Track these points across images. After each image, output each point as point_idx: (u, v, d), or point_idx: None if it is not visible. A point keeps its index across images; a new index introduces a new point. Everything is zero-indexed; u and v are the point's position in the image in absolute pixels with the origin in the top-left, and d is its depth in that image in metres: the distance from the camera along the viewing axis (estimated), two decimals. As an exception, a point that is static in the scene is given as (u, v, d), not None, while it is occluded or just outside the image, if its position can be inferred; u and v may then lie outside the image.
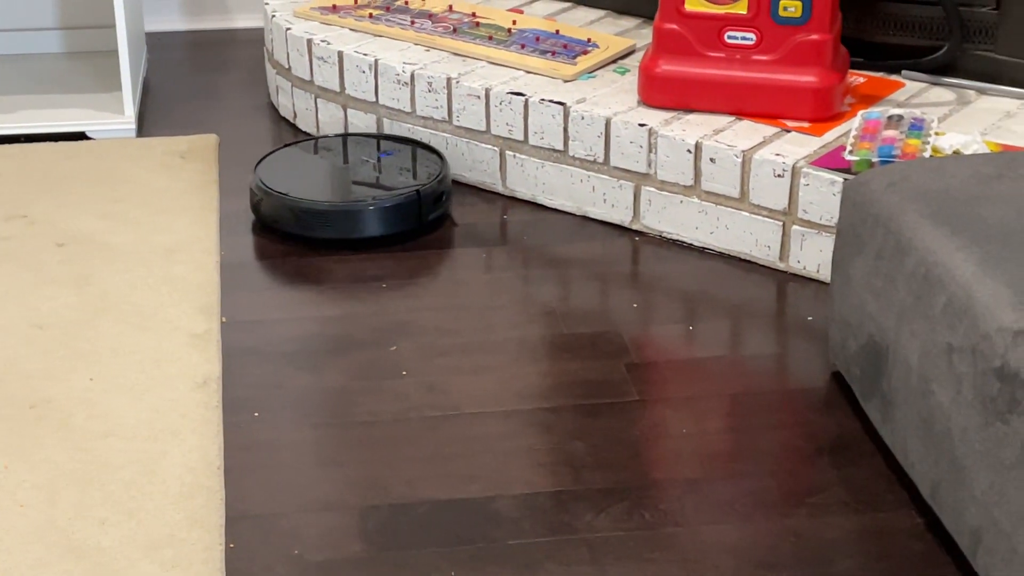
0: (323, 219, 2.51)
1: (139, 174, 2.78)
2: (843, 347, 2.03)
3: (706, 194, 2.48)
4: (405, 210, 2.54)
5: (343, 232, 2.52)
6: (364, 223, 2.52)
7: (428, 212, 2.56)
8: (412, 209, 2.54)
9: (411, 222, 2.55)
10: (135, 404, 2.04)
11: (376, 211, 2.52)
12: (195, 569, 1.71)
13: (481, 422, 2.04)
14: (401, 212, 2.54)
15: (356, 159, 2.70)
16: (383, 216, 2.52)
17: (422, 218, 2.55)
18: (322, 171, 2.69)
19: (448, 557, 1.76)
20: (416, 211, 2.54)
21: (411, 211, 2.54)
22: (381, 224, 2.52)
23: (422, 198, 2.54)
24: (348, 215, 2.52)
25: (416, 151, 2.72)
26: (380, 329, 2.27)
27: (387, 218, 2.53)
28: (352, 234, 2.52)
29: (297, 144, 2.80)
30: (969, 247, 1.73)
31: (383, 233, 2.53)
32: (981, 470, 1.61)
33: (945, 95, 2.64)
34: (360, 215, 2.52)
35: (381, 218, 2.52)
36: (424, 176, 2.61)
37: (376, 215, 2.52)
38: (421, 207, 2.55)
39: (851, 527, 1.82)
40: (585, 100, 2.63)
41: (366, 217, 2.52)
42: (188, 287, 2.36)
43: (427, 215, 2.56)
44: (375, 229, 2.52)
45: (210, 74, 3.37)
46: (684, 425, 2.03)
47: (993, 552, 1.59)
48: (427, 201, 2.55)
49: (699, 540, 1.79)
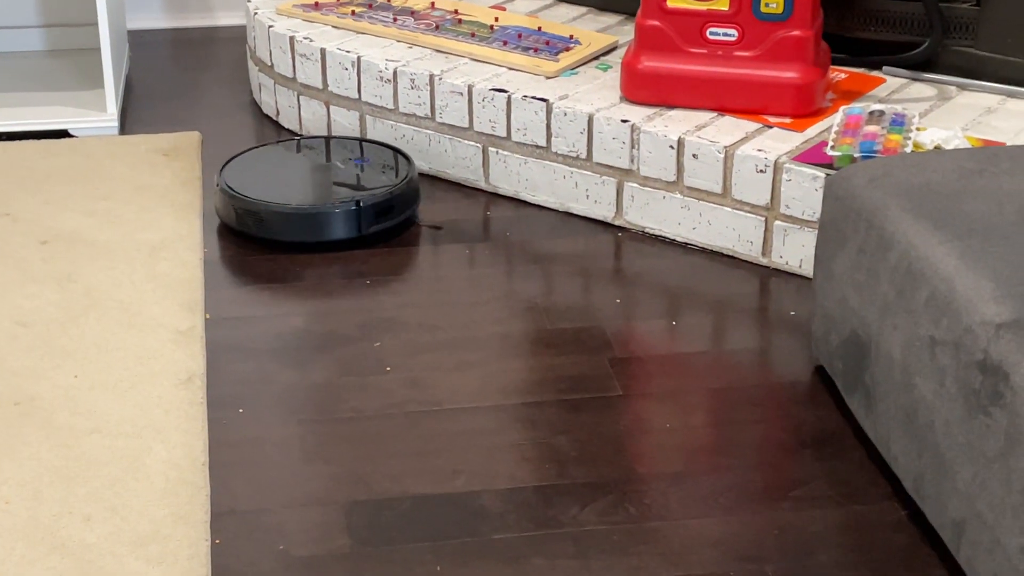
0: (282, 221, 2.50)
1: (122, 172, 2.78)
2: (826, 341, 2.04)
3: (689, 190, 2.49)
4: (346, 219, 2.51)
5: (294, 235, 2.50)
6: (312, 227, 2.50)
7: (369, 224, 2.52)
8: (352, 219, 2.52)
9: (352, 232, 2.52)
10: (119, 401, 2.04)
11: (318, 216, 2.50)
12: (180, 565, 1.71)
13: (465, 417, 2.04)
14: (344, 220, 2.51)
15: (324, 162, 2.71)
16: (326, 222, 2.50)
17: (361, 229, 2.52)
18: (290, 174, 2.69)
19: (433, 551, 1.76)
20: (356, 222, 2.52)
21: (351, 221, 2.52)
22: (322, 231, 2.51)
23: (362, 210, 2.51)
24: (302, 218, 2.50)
25: (389, 156, 2.71)
26: (364, 325, 2.28)
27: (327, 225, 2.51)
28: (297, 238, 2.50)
29: (279, 143, 2.82)
30: (951, 241, 1.74)
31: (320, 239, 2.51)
32: (964, 462, 1.62)
33: (926, 91, 2.65)
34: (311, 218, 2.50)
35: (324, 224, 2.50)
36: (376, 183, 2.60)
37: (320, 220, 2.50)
38: (361, 219, 2.52)
39: (834, 520, 1.83)
40: (568, 96, 2.63)
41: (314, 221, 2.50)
42: (172, 284, 2.36)
43: (367, 227, 2.53)
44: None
45: (193, 72, 3.37)
46: (668, 419, 2.04)
47: (976, 544, 1.60)
48: (368, 214, 2.52)
49: (683, 533, 1.80)
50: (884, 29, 2.73)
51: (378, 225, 2.53)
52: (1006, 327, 1.57)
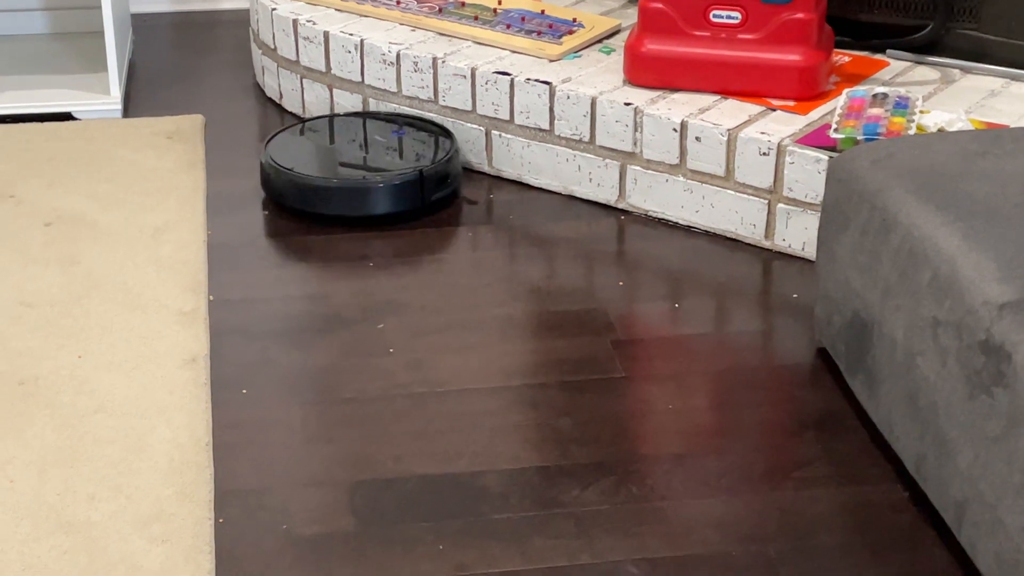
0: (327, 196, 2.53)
1: (126, 154, 2.78)
2: (828, 323, 2.04)
3: (692, 172, 2.49)
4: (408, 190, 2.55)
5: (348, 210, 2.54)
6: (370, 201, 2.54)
7: (431, 193, 2.57)
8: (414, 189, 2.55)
9: (415, 202, 2.56)
10: (123, 381, 2.04)
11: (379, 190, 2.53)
12: (185, 544, 1.72)
13: (468, 399, 2.04)
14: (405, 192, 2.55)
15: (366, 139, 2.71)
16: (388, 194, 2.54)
17: (425, 199, 2.56)
18: (325, 151, 2.69)
19: (436, 531, 1.77)
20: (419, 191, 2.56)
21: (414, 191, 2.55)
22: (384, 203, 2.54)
23: (425, 178, 2.55)
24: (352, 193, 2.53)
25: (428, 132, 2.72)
26: (367, 307, 2.28)
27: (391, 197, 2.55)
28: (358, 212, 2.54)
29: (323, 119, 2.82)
30: (954, 222, 1.74)
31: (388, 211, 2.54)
32: (966, 443, 1.62)
33: (930, 74, 2.65)
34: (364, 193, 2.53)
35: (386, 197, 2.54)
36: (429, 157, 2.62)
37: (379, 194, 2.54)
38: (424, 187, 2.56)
39: (836, 501, 1.83)
40: (571, 80, 2.63)
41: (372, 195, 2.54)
42: (176, 266, 2.37)
43: (429, 196, 2.57)
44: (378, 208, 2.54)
45: (196, 55, 3.37)
46: (670, 401, 2.04)
47: (978, 525, 1.60)
48: (429, 182, 2.56)
49: (685, 514, 1.81)
50: (887, 12, 2.73)
51: (439, 192, 2.58)
52: (1008, 308, 1.57)
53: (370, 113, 2.82)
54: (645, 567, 1.71)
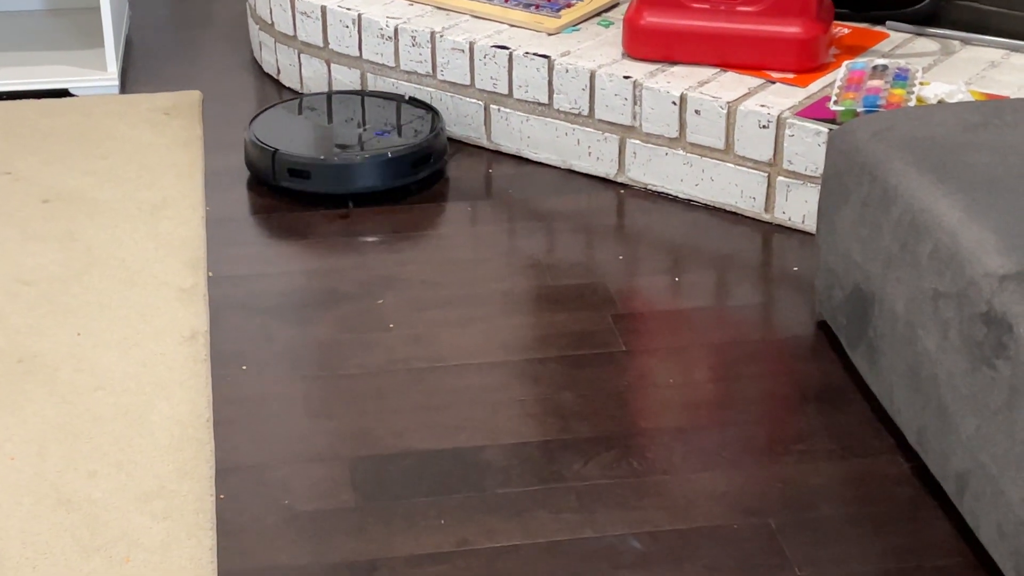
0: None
1: (123, 131, 2.77)
2: (829, 296, 2.04)
3: (691, 146, 2.48)
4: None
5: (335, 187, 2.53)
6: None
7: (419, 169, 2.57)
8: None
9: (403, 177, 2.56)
10: (123, 358, 2.04)
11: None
12: (186, 520, 1.72)
13: (468, 373, 2.04)
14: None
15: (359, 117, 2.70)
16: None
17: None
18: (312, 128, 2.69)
19: (437, 506, 1.77)
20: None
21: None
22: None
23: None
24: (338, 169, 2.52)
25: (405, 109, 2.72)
26: (366, 283, 2.28)
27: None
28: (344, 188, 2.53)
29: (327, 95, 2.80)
30: (955, 194, 1.74)
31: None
32: (967, 415, 1.62)
33: (929, 45, 2.64)
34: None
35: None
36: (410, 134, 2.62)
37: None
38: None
39: (837, 473, 1.83)
40: (569, 53, 2.62)
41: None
42: (174, 242, 2.36)
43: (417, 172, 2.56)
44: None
45: (193, 30, 3.36)
46: (671, 375, 2.04)
47: (979, 496, 1.60)
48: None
49: (687, 487, 1.81)
50: (887, -17, 2.72)
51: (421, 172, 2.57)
52: (1010, 279, 1.57)
53: (367, 92, 2.82)
54: (647, 540, 1.71)
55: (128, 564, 1.65)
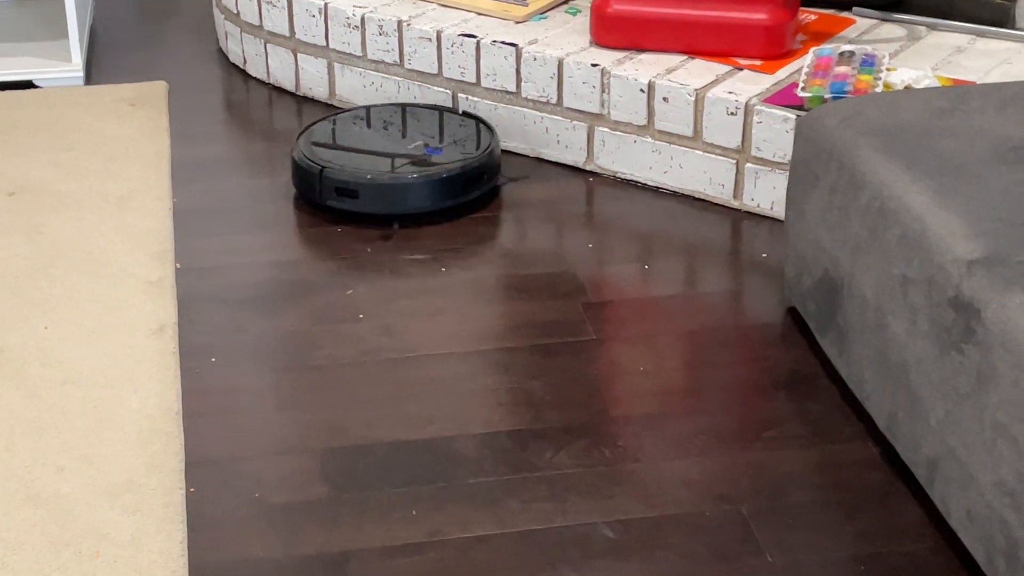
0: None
1: (89, 122, 2.75)
2: (798, 283, 2.04)
3: (659, 133, 2.48)
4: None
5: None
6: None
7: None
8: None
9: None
10: (90, 352, 2.03)
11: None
12: (156, 513, 1.71)
13: (439, 363, 2.04)
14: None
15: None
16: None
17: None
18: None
19: (409, 496, 1.77)
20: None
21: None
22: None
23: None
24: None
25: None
26: (336, 273, 2.27)
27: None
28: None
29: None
30: (922, 180, 1.74)
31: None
32: (937, 400, 1.63)
33: (896, 31, 2.65)
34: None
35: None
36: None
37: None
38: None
39: (808, 459, 1.83)
40: (537, 41, 2.62)
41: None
42: (141, 234, 2.35)
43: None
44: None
45: (158, 21, 3.34)
46: (641, 363, 2.04)
47: (949, 480, 1.61)
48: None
49: (658, 475, 1.81)
50: (854, -30, 2.72)
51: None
52: (977, 264, 1.57)
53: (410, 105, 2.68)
54: (619, 528, 1.71)
55: (98, 559, 1.64)
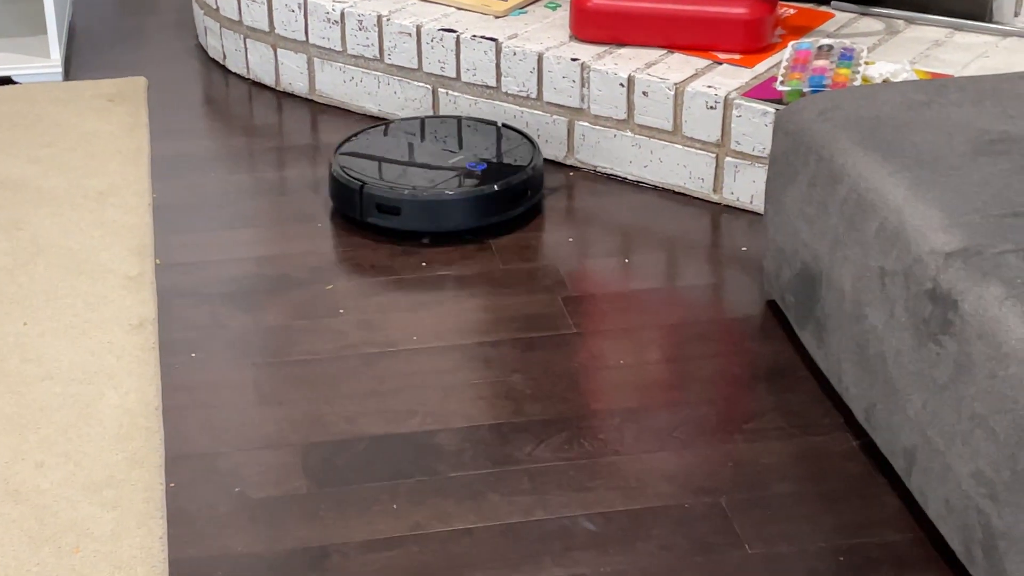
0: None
1: (68, 118, 2.74)
2: (777, 276, 2.05)
3: (639, 127, 2.49)
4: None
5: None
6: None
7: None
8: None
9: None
10: (70, 347, 2.02)
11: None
12: (136, 508, 1.71)
13: (420, 358, 2.04)
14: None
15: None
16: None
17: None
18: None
19: (390, 491, 1.77)
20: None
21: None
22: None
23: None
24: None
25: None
26: (316, 268, 2.27)
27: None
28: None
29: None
30: (900, 172, 1.75)
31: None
32: (914, 391, 1.63)
33: (874, 25, 2.66)
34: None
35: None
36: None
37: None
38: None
39: (787, 451, 1.84)
40: (517, 36, 2.62)
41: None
42: (121, 230, 2.34)
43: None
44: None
45: (137, 16, 3.33)
46: (622, 356, 2.04)
47: (927, 471, 1.62)
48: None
49: (638, 468, 1.81)
50: (832, -37, 2.73)
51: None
52: (955, 256, 1.58)
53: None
54: (600, 521, 1.72)
55: (78, 555, 1.64)
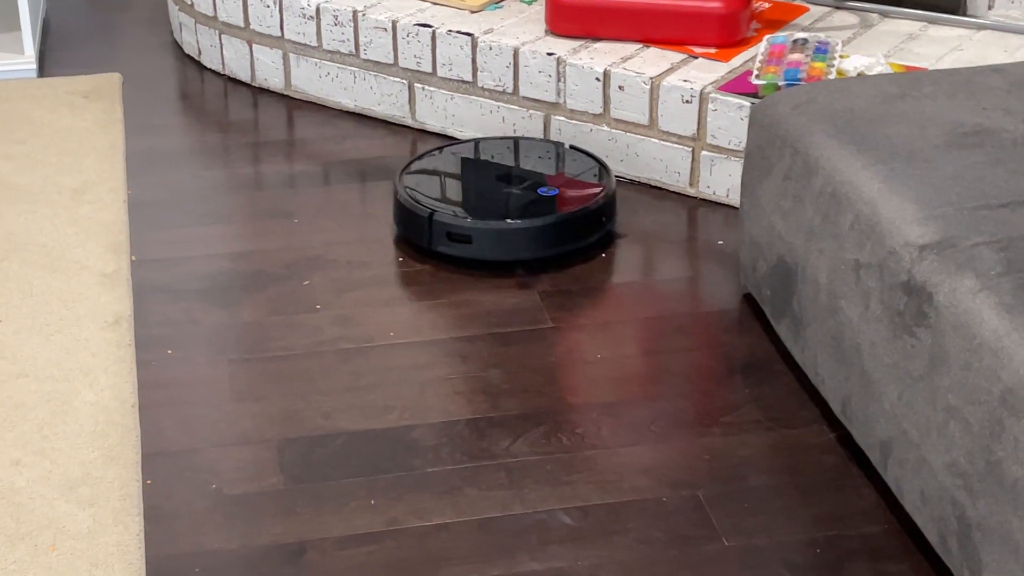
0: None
1: (42, 115, 2.73)
2: (754, 269, 2.05)
3: (615, 122, 2.49)
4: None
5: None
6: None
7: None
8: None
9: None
10: (46, 345, 2.02)
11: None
12: (112, 506, 1.70)
13: (396, 353, 2.04)
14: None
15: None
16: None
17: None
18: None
19: (367, 487, 1.77)
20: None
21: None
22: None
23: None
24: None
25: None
26: (292, 264, 2.26)
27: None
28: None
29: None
30: (874, 165, 1.76)
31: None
32: (890, 383, 1.64)
33: (849, 18, 2.66)
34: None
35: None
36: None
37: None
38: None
39: (764, 444, 1.85)
40: (493, 31, 2.62)
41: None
42: (96, 227, 2.33)
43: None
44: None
45: (111, 12, 3.32)
46: (599, 350, 2.04)
47: (903, 463, 1.62)
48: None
49: (615, 462, 1.81)
50: (807, -43, 2.73)
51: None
52: (929, 248, 1.59)
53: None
54: (577, 515, 1.72)
55: (54, 553, 1.63)
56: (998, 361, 1.44)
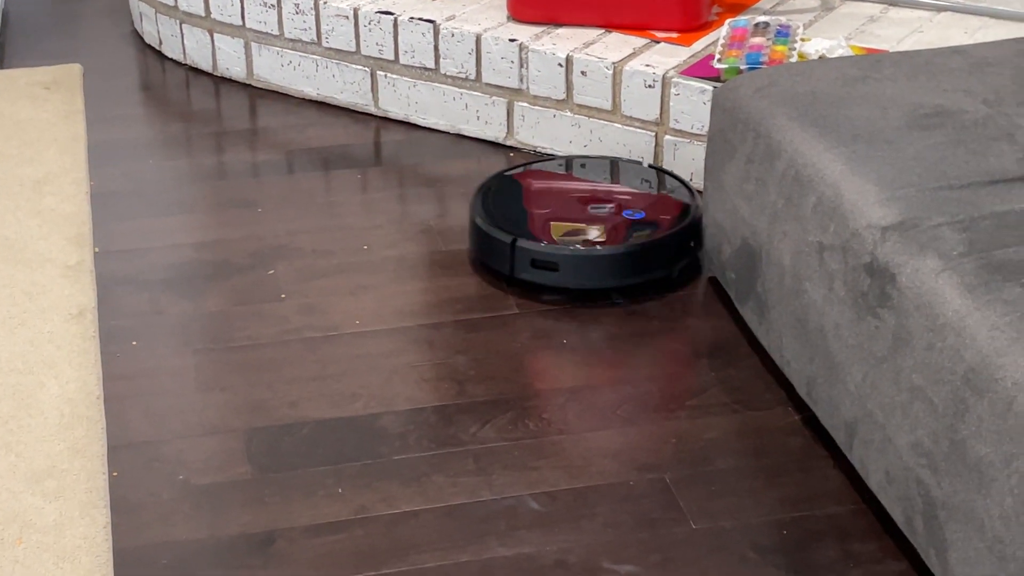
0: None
1: (2, 106, 2.71)
2: (718, 252, 2.06)
3: (578, 107, 2.49)
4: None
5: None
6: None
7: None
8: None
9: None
10: (9, 338, 2.00)
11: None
12: (79, 498, 1.70)
13: (362, 341, 2.04)
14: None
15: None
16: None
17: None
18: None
19: (335, 475, 1.76)
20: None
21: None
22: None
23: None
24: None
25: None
26: (257, 253, 2.26)
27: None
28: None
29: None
30: (837, 147, 1.76)
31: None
32: (854, 364, 1.65)
33: (810, 1, 2.67)
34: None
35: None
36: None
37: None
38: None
39: (730, 427, 1.85)
40: (455, 17, 2.61)
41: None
42: (59, 218, 2.32)
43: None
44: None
45: (71, 3, 3.29)
46: (564, 336, 2.05)
47: (868, 443, 1.63)
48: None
49: (582, 446, 1.82)
50: (767, -59, 2.74)
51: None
52: (891, 230, 1.60)
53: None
54: (545, 500, 1.72)
55: (20, 546, 1.63)
56: (961, 341, 1.45)
